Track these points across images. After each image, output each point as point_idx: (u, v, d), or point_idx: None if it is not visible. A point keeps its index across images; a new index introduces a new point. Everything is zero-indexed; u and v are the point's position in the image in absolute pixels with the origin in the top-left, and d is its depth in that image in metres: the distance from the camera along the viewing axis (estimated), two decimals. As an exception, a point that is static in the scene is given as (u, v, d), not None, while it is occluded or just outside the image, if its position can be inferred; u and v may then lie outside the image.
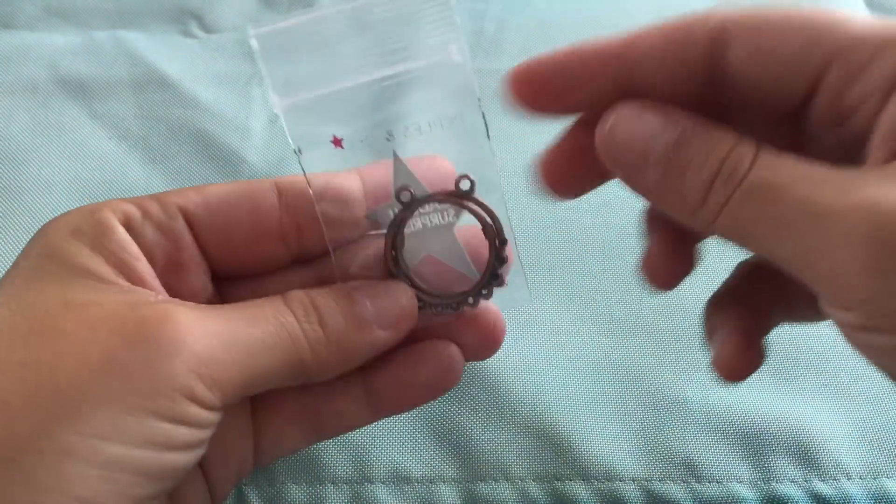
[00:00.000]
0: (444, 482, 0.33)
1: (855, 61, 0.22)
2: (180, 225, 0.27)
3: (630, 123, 0.23)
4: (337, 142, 0.26)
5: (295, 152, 0.26)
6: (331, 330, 0.25)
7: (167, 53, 0.49)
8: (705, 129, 0.22)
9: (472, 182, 0.27)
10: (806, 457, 0.34)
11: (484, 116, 0.27)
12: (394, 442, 0.34)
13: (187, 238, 0.27)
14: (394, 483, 0.33)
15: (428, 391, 0.29)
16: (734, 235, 0.22)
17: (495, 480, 0.33)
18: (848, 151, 0.23)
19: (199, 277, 0.27)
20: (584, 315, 0.32)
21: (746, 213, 0.21)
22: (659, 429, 0.34)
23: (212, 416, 0.22)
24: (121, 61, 0.48)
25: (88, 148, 0.44)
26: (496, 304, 0.28)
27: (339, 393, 0.29)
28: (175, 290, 0.27)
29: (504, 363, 0.36)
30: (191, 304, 0.24)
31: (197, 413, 0.22)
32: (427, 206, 0.27)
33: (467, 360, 0.29)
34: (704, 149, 0.22)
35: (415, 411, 0.35)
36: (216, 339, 0.22)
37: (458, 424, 0.35)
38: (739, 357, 0.27)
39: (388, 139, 0.26)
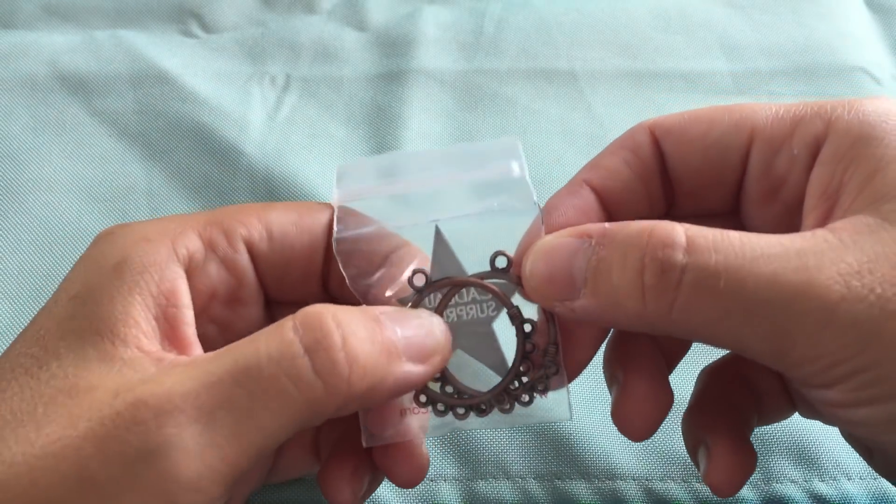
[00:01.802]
0: (444, 480, 0.33)
1: (777, 134, 0.24)
2: (244, 260, 0.25)
3: (548, 256, 0.23)
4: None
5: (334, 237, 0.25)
6: (355, 356, 0.21)
7: (167, 52, 0.49)
8: (620, 227, 0.22)
9: (508, 259, 0.25)
10: (806, 457, 0.34)
11: (542, 217, 0.25)
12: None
13: (251, 274, 0.26)
14: (394, 481, 0.33)
15: (390, 476, 0.26)
16: (693, 331, 0.22)
17: (496, 479, 0.33)
18: (786, 225, 0.24)
19: (256, 310, 0.27)
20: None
21: (705, 304, 0.20)
22: (659, 428, 0.34)
23: None
24: (120, 58, 0.48)
25: (88, 145, 0.44)
26: (529, 416, 0.25)
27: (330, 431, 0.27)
28: (233, 322, 0.26)
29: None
30: (175, 368, 0.21)
31: None
32: (466, 296, 0.25)
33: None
34: (621, 244, 0.22)
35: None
36: (194, 414, 0.20)
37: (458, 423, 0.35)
38: (735, 468, 0.25)
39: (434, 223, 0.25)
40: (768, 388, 0.28)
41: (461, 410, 0.25)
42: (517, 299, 0.25)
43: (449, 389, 0.25)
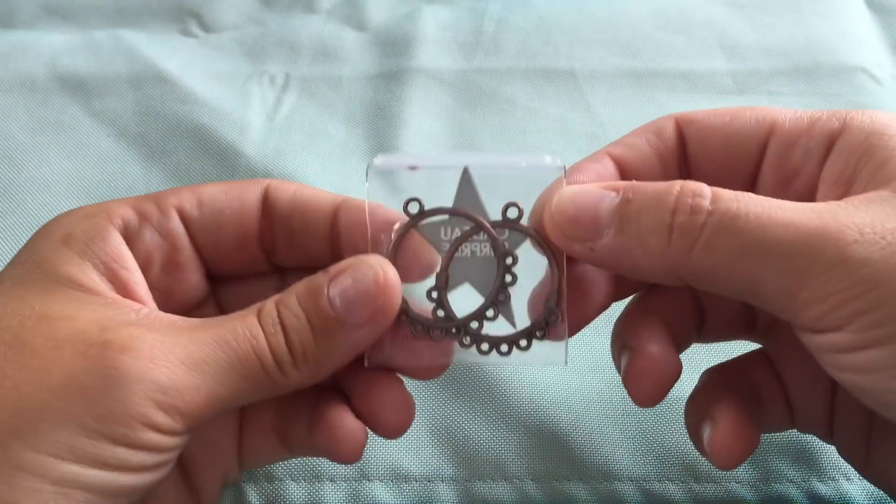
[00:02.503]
0: (442, 481, 0.33)
1: (792, 132, 0.26)
2: (177, 225, 0.27)
3: (575, 199, 0.24)
4: (413, 167, 0.27)
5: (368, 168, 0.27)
6: (294, 344, 0.24)
7: (166, 52, 0.49)
8: (648, 184, 0.24)
9: (519, 210, 0.26)
10: (805, 457, 0.34)
11: (566, 176, 0.26)
12: (393, 440, 0.34)
13: (184, 238, 0.27)
14: (392, 481, 0.33)
15: (329, 457, 0.27)
16: (711, 271, 0.23)
17: (493, 480, 0.33)
18: None
19: (196, 276, 0.28)
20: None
21: (724, 242, 0.22)
22: (657, 429, 0.34)
23: (173, 441, 0.22)
24: (119, 58, 0.48)
25: (87, 146, 0.44)
26: (528, 358, 0.26)
27: (296, 419, 0.28)
28: (173, 289, 0.27)
29: (503, 362, 0.36)
30: (167, 321, 0.24)
31: (155, 439, 0.22)
32: (482, 235, 0.26)
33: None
34: (654, 193, 0.23)
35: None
36: (181, 366, 0.22)
37: (456, 424, 0.35)
38: (739, 440, 0.26)
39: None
40: (770, 393, 0.29)
41: (467, 341, 0.26)
42: (525, 249, 0.26)
43: (440, 314, 0.26)
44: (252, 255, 0.28)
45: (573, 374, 0.36)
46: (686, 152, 0.28)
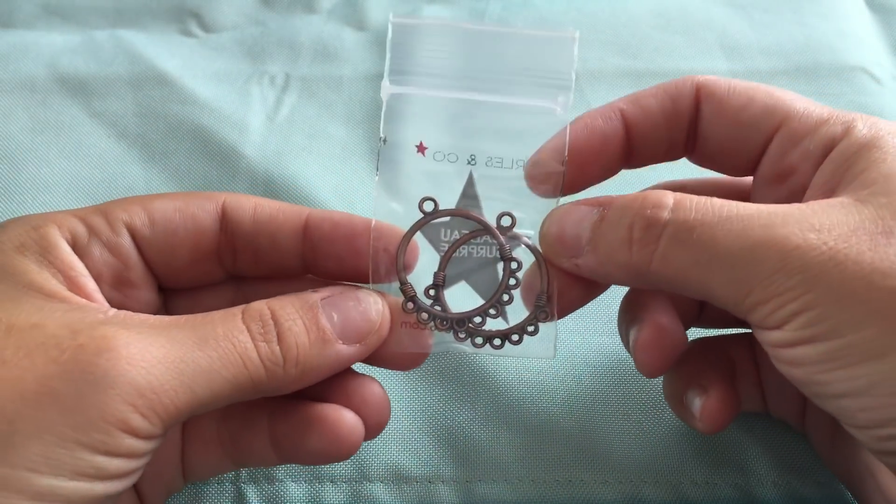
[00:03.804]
0: (442, 482, 0.33)
1: (798, 129, 0.26)
2: (127, 242, 0.27)
3: (560, 219, 0.27)
4: (421, 148, 0.27)
5: (380, 140, 0.27)
6: (289, 348, 0.24)
7: (166, 52, 0.49)
8: (621, 197, 0.25)
9: (512, 219, 0.27)
10: (805, 457, 0.34)
11: (564, 176, 0.28)
12: (393, 441, 0.34)
13: (134, 256, 0.27)
14: (392, 482, 0.33)
15: (317, 459, 0.28)
16: (670, 280, 0.24)
17: (493, 480, 0.33)
18: None
19: (147, 293, 0.28)
20: (584, 315, 0.32)
21: (679, 253, 0.24)
22: (657, 429, 0.34)
23: (149, 445, 0.22)
24: (120, 59, 0.48)
25: (87, 147, 0.44)
26: (519, 351, 0.28)
27: (249, 430, 0.28)
28: (124, 305, 0.27)
29: (503, 363, 0.36)
30: (138, 320, 0.23)
31: (132, 444, 0.21)
32: (480, 238, 0.28)
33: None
34: (619, 207, 0.25)
35: (414, 410, 0.35)
36: (159, 366, 0.22)
37: (457, 424, 0.35)
38: (726, 406, 0.29)
39: (470, 162, 0.28)
40: (745, 374, 0.32)
41: (462, 335, 0.28)
42: (521, 252, 0.28)
43: (437, 308, 0.28)
44: (207, 269, 0.28)
45: (573, 375, 0.36)
46: (698, 125, 0.28)
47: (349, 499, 0.33)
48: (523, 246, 0.28)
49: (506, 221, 0.28)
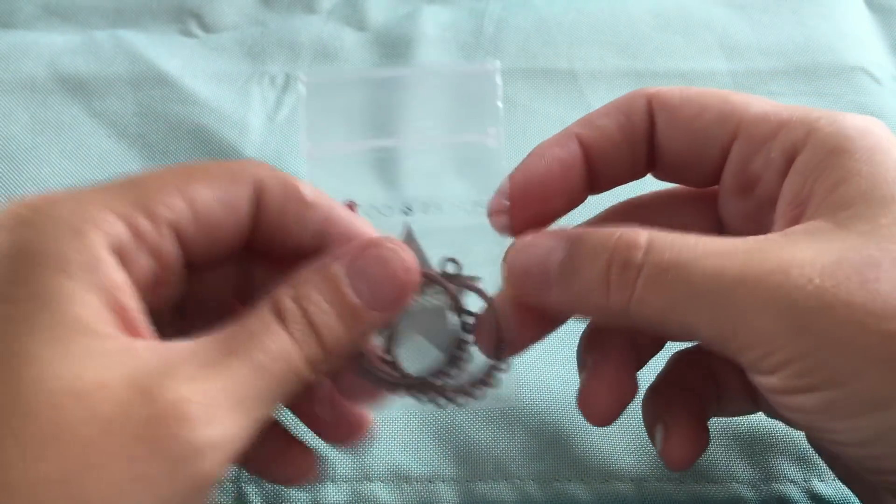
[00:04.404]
0: (443, 481, 0.33)
1: (758, 135, 0.25)
2: (173, 247, 0.24)
3: (526, 251, 0.25)
4: (352, 207, 0.26)
5: None
6: (327, 342, 0.23)
7: (166, 52, 0.49)
8: (592, 231, 0.24)
9: (458, 264, 0.26)
10: (805, 457, 0.34)
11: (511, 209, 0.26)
12: (393, 441, 0.34)
13: (174, 257, 0.24)
14: (393, 482, 0.33)
15: (288, 483, 0.29)
16: (651, 322, 0.23)
17: (494, 480, 0.33)
18: (756, 221, 0.26)
19: (174, 290, 0.25)
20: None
21: (657, 295, 0.22)
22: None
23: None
24: (120, 59, 0.48)
25: (87, 146, 0.44)
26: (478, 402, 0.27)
27: None
28: (148, 302, 0.24)
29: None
30: (195, 362, 0.21)
31: (211, 495, 0.21)
32: (431, 287, 0.26)
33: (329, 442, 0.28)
34: (592, 246, 0.24)
35: (414, 410, 0.35)
36: (230, 413, 0.21)
37: (457, 424, 0.35)
38: (689, 446, 0.27)
39: (405, 213, 0.26)
40: (729, 382, 0.30)
41: (422, 399, 0.26)
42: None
43: (388, 358, 0.26)
44: (230, 255, 0.26)
45: (573, 375, 0.36)
46: (655, 139, 0.27)
47: (350, 498, 0.33)
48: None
49: (451, 268, 0.26)
